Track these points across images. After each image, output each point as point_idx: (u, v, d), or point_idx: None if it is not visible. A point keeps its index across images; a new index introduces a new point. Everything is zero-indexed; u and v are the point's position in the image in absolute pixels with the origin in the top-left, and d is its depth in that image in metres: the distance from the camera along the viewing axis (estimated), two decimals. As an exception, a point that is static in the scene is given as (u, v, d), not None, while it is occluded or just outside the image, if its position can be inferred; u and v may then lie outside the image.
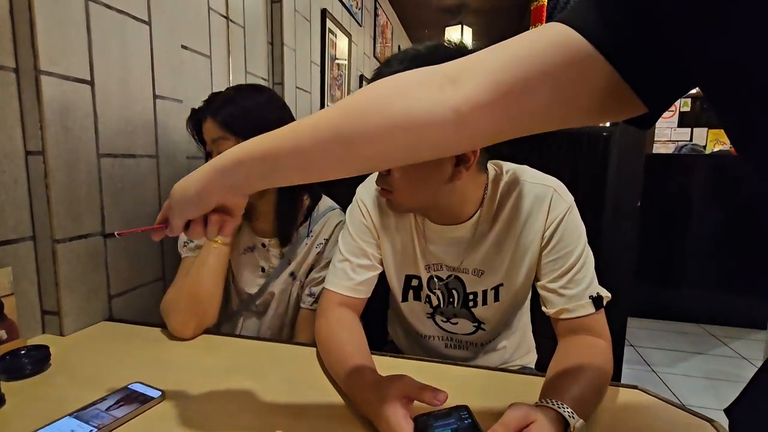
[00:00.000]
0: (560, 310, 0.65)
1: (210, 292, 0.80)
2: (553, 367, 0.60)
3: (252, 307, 0.95)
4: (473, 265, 0.74)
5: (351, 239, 0.76)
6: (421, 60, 0.57)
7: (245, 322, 0.96)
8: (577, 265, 0.65)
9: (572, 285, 0.65)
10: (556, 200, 0.68)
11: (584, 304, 0.64)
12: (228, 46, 1.37)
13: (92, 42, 0.81)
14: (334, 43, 2.44)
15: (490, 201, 0.71)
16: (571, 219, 0.68)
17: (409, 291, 0.79)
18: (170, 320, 0.78)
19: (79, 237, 0.81)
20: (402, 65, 0.57)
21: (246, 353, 0.74)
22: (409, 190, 0.65)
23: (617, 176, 1.04)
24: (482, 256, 0.73)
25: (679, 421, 0.56)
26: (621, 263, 1.09)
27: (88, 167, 0.83)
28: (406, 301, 0.81)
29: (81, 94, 0.80)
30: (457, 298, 0.77)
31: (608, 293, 0.66)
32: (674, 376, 1.97)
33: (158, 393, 0.58)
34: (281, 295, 0.92)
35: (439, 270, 0.76)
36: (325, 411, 0.57)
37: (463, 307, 0.78)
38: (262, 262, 0.93)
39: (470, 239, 0.72)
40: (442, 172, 0.63)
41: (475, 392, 0.61)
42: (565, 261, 0.66)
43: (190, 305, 0.78)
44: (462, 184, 0.66)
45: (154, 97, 0.99)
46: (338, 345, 0.65)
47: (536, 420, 0.43)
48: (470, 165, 0.63)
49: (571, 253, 0.66)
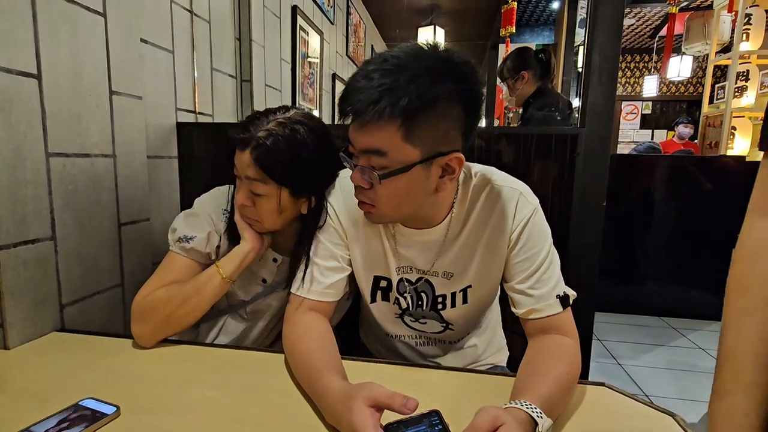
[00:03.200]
0: (529, 311, 0.65)
1: (193, 318, 0.76)
2: (523, 367, 0.61)
3: (240, 312, 0.90)
4: (443, 268, 0.73)
5: (319, 242, 0.74)
6: (406, 71, 0.54)
7: (226, 324, 0.91)
8: (544, 266, 0.66)
9: (540, 285, 0.65)
10: (522, 203, 0.68)
11: (552, 303, 0.64)
12: (192, 41, 1.32)
13: (38, 32, 0.76)
14: (305, 41, 2.39)
15: (460, 204, 0.70)
16: (537, 221, 0.68)
17: (378, 292, 0.78)
18: (137, 327, 0.73)
19: (25, 242, 0.75)
20: (387, 78, 0.54)
21: (208, 361, 0.71)
22: (393, 203, 0.63)
23: (584, 176, 1.07)
24: (452, 259, 0.72)
25: (644, 415, 0.57)
26: (587, 260, 1.12)
27: (35, 167, 0.77)
28: (375, 302, 0.79)
29: (26, 89, 0.74)
30: (426, 301, 0.77)
31: (574, 292, 0.68)
32: (638, 368, 2.05)
33: (113, 409, 0.54)
34: (278, 309, 0.88)
35: (409, 272, 0.75)
36: (294, 421, 0.54)
37: (432, 310, 0.77)
38: (266, 274, 0.87)
39: (442, 242, 0.72)
40: (428, 185, 0.62)
41: (446, 395, 0.61)
42: (532, 262, 0.66)
43: (166, 324, 0.73)
44: (443, 193, 0.65)
45: (110, 93, 0.93)
46: (305, 353, 0.62)
47: (505, 422, 0.43)
48: (455, 176, 0.62)
49: (538, 254, 0.67)
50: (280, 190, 0.74)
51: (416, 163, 0.58)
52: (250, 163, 0.72)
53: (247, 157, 0.72)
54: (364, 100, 0.54)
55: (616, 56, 1.07)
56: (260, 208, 0.76)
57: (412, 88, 0.54)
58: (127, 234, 1.00)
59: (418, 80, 0.54)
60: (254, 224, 0.79)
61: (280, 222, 0.78)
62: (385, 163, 0.58)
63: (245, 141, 0.73)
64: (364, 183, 0.61)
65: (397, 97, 0.53)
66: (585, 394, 0.61)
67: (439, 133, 0.58)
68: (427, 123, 0.56)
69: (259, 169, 0.72)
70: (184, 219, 0.82)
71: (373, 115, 0.54)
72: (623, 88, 6.91)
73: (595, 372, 1.99)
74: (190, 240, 0.79)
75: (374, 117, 0.54)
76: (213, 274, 0.76)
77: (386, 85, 0.54)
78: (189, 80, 1.30)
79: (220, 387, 0.61)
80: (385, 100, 0.53)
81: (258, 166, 0.72)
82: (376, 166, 0.59)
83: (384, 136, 0.56)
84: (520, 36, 5.13)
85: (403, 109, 0.54)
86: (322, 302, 0.71)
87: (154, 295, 0.74)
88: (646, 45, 6.65)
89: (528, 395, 0.50)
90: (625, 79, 6.95)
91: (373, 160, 0.59)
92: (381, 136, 0.56)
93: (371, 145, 0.58)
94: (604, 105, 1.09)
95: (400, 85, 0.54)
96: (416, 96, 0.54)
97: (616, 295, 2.67)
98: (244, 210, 0.77)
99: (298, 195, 0.76)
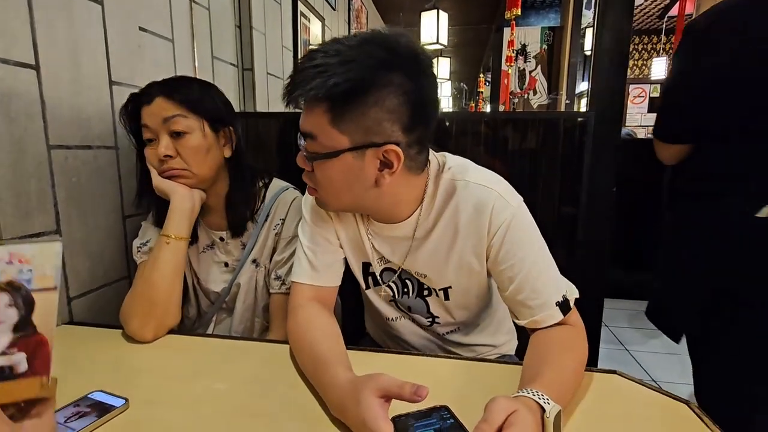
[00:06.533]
0: (530, 322, 0.63)
1: (167, 291, 0.75)
2: (528, 357, 0.60)
3: (222, 305, 0.91)
4: (415, 268, 0.71)
5: (308, 227, 0.73)
6: (344, 55, 0.54)
7: (217, 323, 0.92)
8: (534, 273, 0.62)
9: (535, 295, 0.61)
10: (499, 206, 0.62)
11: (552, 313, 0.61)
12: (192, 29, 1.29)
13: (35, 22, 0.74)
14: (306, 28, 2.35)
15: (430, 200, 0.66)
16: (517, 225, 0.63)
17: (369, 278, 0.77)
18: (128, 326, 0.73)
19: (30, 236, 0.75)
20: (324, 60, 0.54)
21: (216, 353, 0.70)
22: (331, 190, 0.62)
23: (593, 161, 1.04)
24: (425, 260, 0.69)
25: (656, 403, 0.56)
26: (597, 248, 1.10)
27: (37, 160, 0.76)
28: (369, 288, 0.78)
29: (25, 80, 0.73)
30: (411, 288, 0.75)
31: (575, 290, 0.65)
32: (645, 354, 2.05)
33: (122, 401, 0.54)
34: (247, 285, 0.88)
35: (389, 263, 0.73)
36: (306, 413, 0.54)
37: (418, 297, 0.75)
38: (224, 256, 0.88)
39: (410, 239, 0.69)
40: (365, 176, 0.59)
41: (455, 385, 0.60)
42: (520, 269, 0.62)
43: (147, 308, 0.73)
44: (390, 188, 0.61)
45: (110, 83, 0.92)
46: (309, 345, 0.62)
47: (516, 409, 0.42)
48: (395, 171, 0.58)
49: (523, 261, 0.62)
50: (202, 123, 0.77)
51: (344, 150, 0.57)
52: (164, 103, 0.75)
53: (159, 100, 0.75)
54: (299, 81, 0.55)
55: (628, 36, 1.04)
56: (186, 150, 0.77)
57: (341, 70, 0.53)
58: (133, 226, 0.99)
59: (350, 64, 0.53)
60: (180, 176, 0.78)
61: (208, 165, 0.79)
62: (316, 147, 0.58)
63: (150, 93, 0.76)
64: (306, 165, 0.61)
65: (326, 78, 0.53)
66: (596, 382, 0.60)
67: (369, 122, 0.56)
68: (355, 110, 0.55)
69: (176, 103, 0.75)
70: (139, 232, 0.87)
71: (304, 95, 0.54)
72: (630, 70, 6.78)
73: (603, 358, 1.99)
74: (146, 244, 0.83)
75: (305, 97, 0.55)
76: (159, 242, 0.77)
77: (320, 67, 0.53)
78: (189, 69, 1.28)
79: (229, 379, 0.61)
80: (316, 81, 0.53)
81: (173, 101, 0.75)
82: (309, 150, 0.59)
83: (314, 119, 0.57)
84: (526, 18, 5.01)
85: (329, 90, 0.53)
86: (323, 288, 0.71)
87: (128, 295, 0.77)
88: (655, 26, 6.49)
89: (536, 384, 0.49)
90: (632, 62, 6.81)
91: (307, 143, 0.59)
92: (311, 119, 0.57)
93: (304, 128, 0.59)
94: (615, 87, 1.06)
95: (332, 67, 0.53)
96: (344, 79, 0.53)
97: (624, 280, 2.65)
98: (168, 162, 0.77)
99: (217, 127, 0.80)
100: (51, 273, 0.40)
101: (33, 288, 0.39)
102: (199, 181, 0.79)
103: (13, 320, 0.38)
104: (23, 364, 0.39)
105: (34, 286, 0.39)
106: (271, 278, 0.86)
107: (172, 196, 0.76)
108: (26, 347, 0.39)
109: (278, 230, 0.86)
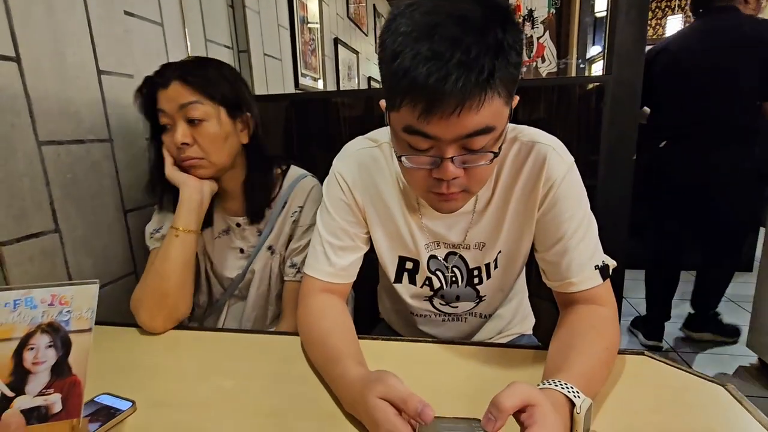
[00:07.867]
0: (565, 284, 0.59)
1: (177, 283, 0.74)
2: (555, 343, 0.56)
3: (236, 293, 0.89)
4: (476, 239, 0.67)
5: (330, 218, 0.68)
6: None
7: (230, 310, 0.91)
8: (579, 232, 0.59)
9: (575, 254, 0.59)
10: (555, 160, 0.60)
11: (590, 275, 0.58)
12: (182, 10, 1.23)
13: (10, 10, 0.70)
14: (303, 4, 2.26)
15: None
16: (571, 181, 0.60)
17: (404, 273, 0.73)
18: (139, 317, 0.73)
19: (28, 237, 0.73)
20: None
21: (224, 349, 0.68)
22: (484, 183, 0.56)
23: (611, 128, 0.98)
24: (485, 228, 0.66)
25: (690, 386, 0.53)
26: (617, 217, 1.05)
27: (28, 158, 0.73)
28: (400, 283, 0.75)
29: (6, 73, 0.70)
30: (460, 277, 0.71)
31: (613, 261, 0.61)
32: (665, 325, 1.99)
33: (128, 404, 0.52)
34: (262, 272, 0.87)
35: (438, 248, 0.69)
36: (319, 412, 0.52)
37: (468, 285, 0.72)
38: (240, 242, 0.87)
39: (472, 212, 0.65)
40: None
41: (474, 372, 0.57)
42: (567, 228, 0.59)
43: (158, 300, 0.72)
44: None
45: (99, 73, 0.88)
46: (320, 338, 0.59)
47: (537, 404, 0.38)
48: None
49: (572, 218, 0.60)
50: (219, 110, 0.75)
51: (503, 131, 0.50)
52: (180, 88, 0.73)
53: (176, 85, 0.73)
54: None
55: (647, -11, 0.96)
56: (203, 138, 0.74)
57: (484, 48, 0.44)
58: (134, 221, 0.97)
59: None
60: (198, 166, 0.76)
61: (226, 153, 0.78)
62: (494, 140, 0.49)
63: (166, 76, 0.74)
64: (460, 173, 0.50)
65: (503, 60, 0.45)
66: (624, 364, 0.57)
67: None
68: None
69: (193, 89, 0.73)
70: (152, 217, 0.85)
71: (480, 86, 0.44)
72: (644, 30, 6.47)
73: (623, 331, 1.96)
74: (159, 230, 0.82)
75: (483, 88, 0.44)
76: (169, 235, 0.76)
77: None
78: (182, 54, 1.23)
79: (237, 376, 0.59)
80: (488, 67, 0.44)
81: (190, 86, 0.73)
82: (489, 148, 0.49)
83: (494, 109, 0.46)
84: (532, -19, 4.77)
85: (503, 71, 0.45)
86: (338, 284, 0.67)
87: (139, 284, 0.76)
88: (669, -20, 6.14)
89: (563, 374, 0.46)
90: (646, 21, 6.49)
91: (485, 141, 0.48)
92: (490, 110, 0.46)
93: (480, 124, 0.47)
94: (634, 48, 0.99)
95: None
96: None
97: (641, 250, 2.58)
98: (185, 151, 0.75)
99: (235, 113, 0.78)
100: (87, 315, 0.42)
101: (70, 329, 0.41)
102: (217, 171, 0.79)
103: (53, 361, 0.40)
104: (58, 404, 0.40)
105: (71, 327, 0.41)
106: (286, 266, 0.85)
107: (182, 188, 0.76)
108: (61, 388, 0.40)
109: (296, 218, 0.85)
